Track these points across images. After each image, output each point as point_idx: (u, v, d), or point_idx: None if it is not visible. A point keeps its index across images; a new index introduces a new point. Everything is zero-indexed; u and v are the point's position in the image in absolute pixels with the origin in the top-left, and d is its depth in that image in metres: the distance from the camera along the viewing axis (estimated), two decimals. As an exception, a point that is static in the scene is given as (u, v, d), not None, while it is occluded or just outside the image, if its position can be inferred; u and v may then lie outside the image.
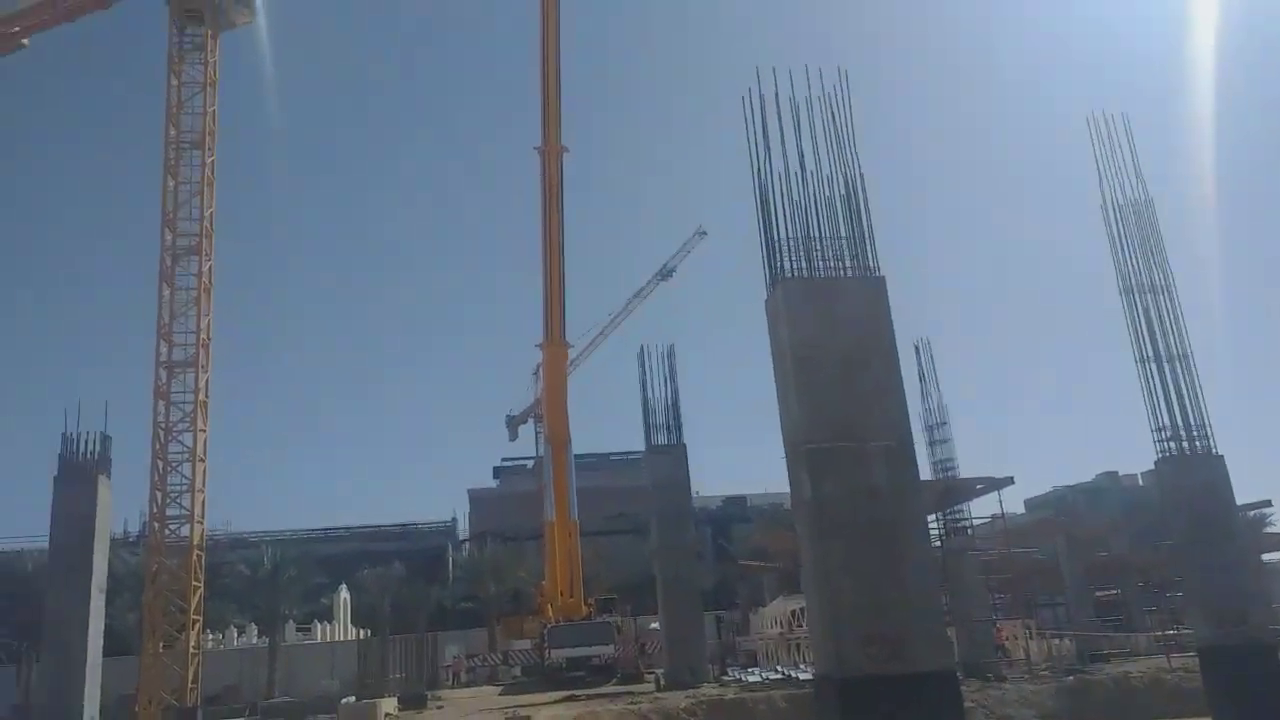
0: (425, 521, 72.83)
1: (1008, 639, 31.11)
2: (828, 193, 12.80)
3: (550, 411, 42.36)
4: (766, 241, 12.74)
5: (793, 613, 35.56)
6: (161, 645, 29.26)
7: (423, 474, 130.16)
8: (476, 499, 79.88)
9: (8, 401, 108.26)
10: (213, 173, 32.18)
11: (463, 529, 75.01)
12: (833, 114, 12.96)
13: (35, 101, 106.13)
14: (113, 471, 27.68)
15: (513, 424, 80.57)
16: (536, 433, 77.22)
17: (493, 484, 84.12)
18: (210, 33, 32.80)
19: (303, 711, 33.71)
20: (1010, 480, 26.09)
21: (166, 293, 31.01)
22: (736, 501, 73.35)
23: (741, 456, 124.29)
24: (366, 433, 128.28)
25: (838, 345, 12.02)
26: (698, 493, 54.12)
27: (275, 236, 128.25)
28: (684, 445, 30.79)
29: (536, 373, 79.05)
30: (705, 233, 77.78)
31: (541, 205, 40.14)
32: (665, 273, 77.68)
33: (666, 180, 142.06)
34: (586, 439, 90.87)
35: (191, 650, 29.22)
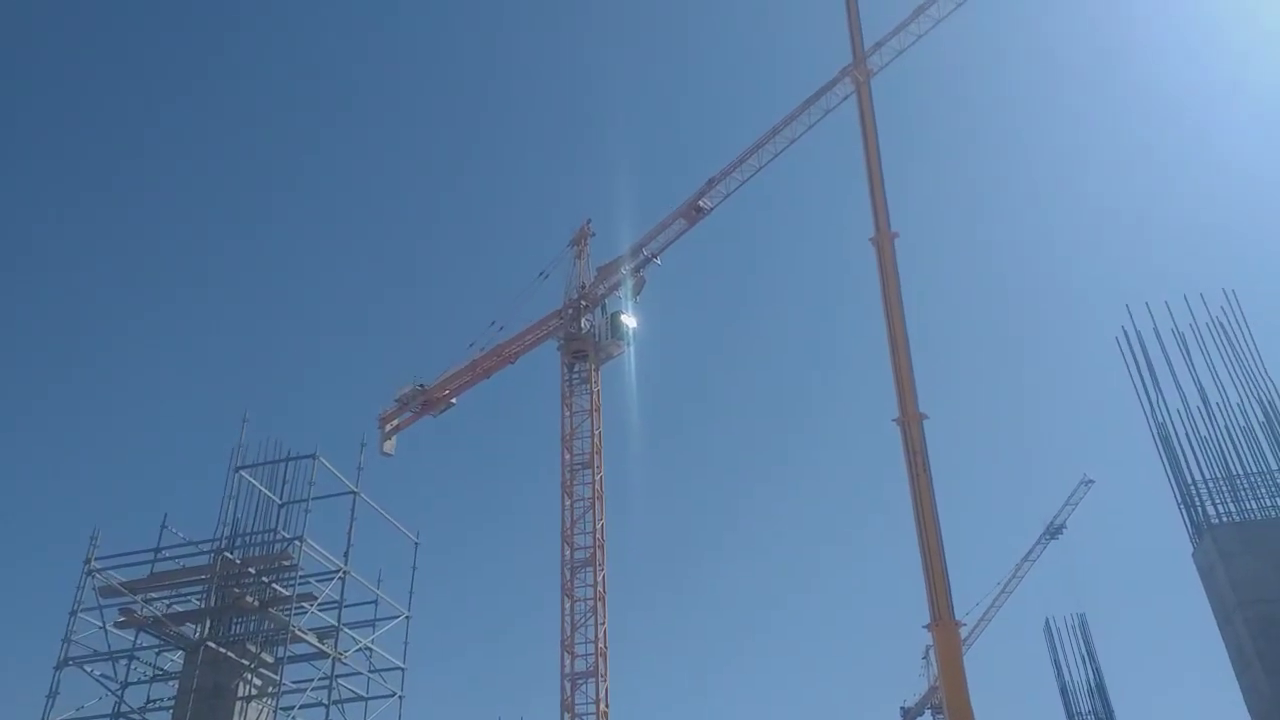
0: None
1: None
2: (1243, 423, 11.44)
3: (950, 701, 38.44)
4: (1178, 485, 11.45)
5: None
6: None
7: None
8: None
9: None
10: (602, 488, 35.52)
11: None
12: (1229, 337, 11.90)
13: (461, 447, 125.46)
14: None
15: (908, 716, 74.28)
16: (938, 725, 70.45)
17: (898, 788, 76.48)
18: (593, 366, 37.66)
19: None
20: None
21: (568, 605, 33.52)
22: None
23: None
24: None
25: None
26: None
27: (649, 547, 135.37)
28: (1121, 735, 26.41)
29: (926, 655, 73.65)
30: (1092, 481, 71.49)
31: (908, 469, 38.89)
32: (1053, 530, 71.46)
33: (1035, 429, 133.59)
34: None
35: None
